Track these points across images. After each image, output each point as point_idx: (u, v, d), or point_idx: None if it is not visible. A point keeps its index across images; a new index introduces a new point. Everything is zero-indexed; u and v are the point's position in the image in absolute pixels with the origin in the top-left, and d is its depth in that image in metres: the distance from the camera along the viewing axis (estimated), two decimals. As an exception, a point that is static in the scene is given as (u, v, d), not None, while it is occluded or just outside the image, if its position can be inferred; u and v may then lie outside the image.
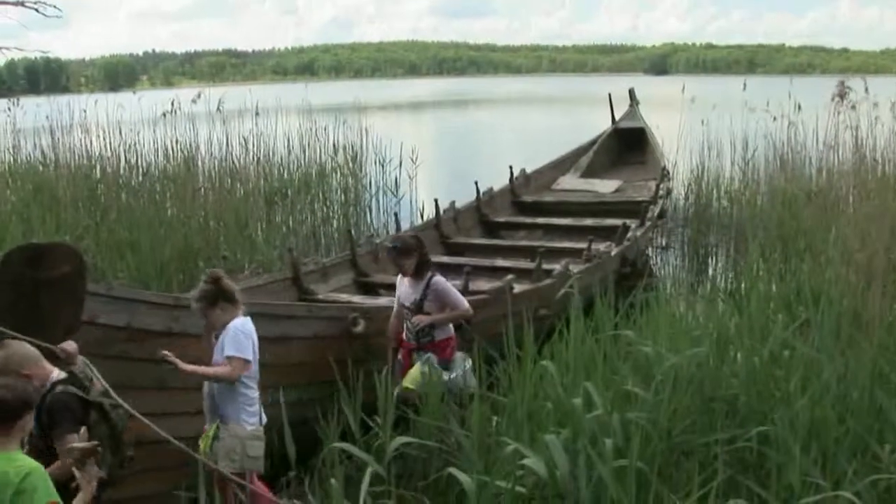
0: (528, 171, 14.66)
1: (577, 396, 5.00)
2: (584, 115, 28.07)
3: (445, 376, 6.15)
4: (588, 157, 15.70)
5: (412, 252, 6.62)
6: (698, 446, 4.87)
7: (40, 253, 4.93)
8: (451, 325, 6.63)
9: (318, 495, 5.25)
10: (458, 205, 12.60)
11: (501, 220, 13.14)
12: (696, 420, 5.01)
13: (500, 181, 13.95)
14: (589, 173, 15.29)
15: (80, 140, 16.13)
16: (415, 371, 6.18)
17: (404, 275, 6.71)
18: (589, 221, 12.42)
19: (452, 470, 4.83)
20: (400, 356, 6.60)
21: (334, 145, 17.16)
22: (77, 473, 3.83)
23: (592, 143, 16.28)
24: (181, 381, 5.28)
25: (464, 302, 6.67)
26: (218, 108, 16.50)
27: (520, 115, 50.29)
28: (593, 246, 10.20)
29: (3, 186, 14.28)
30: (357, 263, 10.14)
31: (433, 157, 21.73)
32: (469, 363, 6.33)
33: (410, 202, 15.87)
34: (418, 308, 6.57)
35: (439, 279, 6.64)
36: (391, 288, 9.80)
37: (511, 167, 14.13)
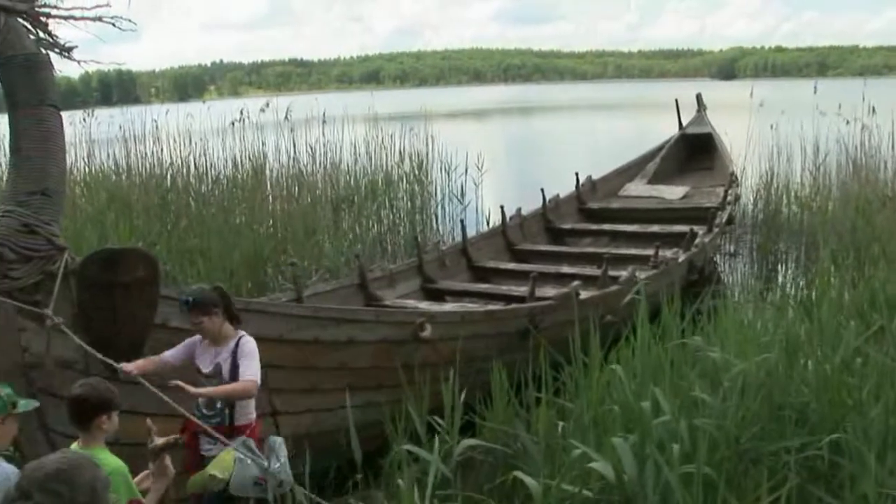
0: (595, 177, 14.61)
1: (644, 402, 4.98)
2: (651, 121, 27.81)
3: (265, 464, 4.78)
4: (655, 164, 15.58)
5: (211, 308, 5.03)
6: (767, 454, 4.80)
7: (116, 258, 5.08)
8: (252, 406, 5.08)
9: (384, 497, 5.31)
10: (524, 212, 12.61)
11: (567, 226, 13.11)
12: (765, 427, 4.94)
13: (566, 188, 13.92)
14: (656, 179, 15.18)
15: (152, 149, 16.50)
16: (226, 456, 4.75)
17: (203, 336, 5.13)
18: (656, 228, 12.34)
19: (518, 474, 4.83)
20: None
21: (400, 153, 17.29)
22: (152, 467, 3.95)
23: (659, 149, 16.16)
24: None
25: (255, 374, 4.97)
26: (286, 117, 16.78)
27: (586, 121, 50.06)
28: (660, 252, 10.14)
29: (79, 195, 14.64)
30: (423, 270, 10.21)
31: (499, 165, 21.76)
32: (284, 451, 4.93)
33: (476, 209, 15.93)
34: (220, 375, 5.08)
35: (250, 340, 5.09)
36: (458, 294, 9.92)
37: (577, 174, 14.09)
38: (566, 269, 10.64)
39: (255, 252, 11.72)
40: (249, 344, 5.05)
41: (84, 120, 17.91)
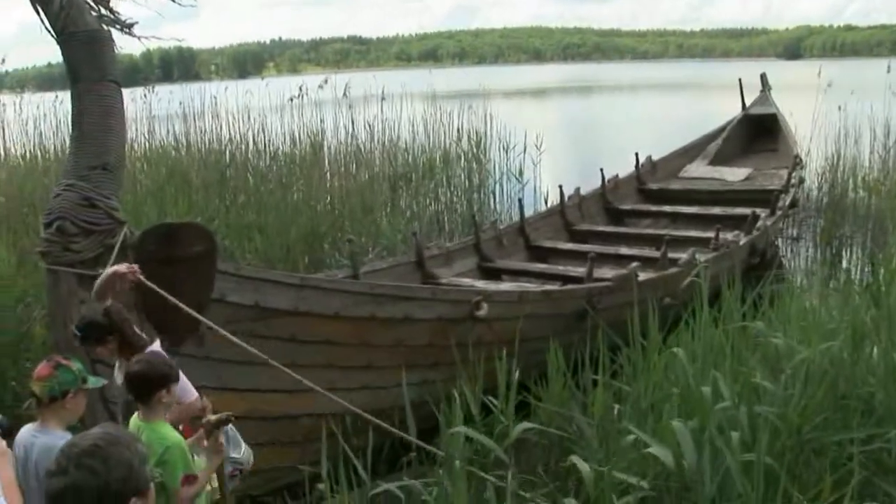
0: (655, 158, 14.41)
1: (704, 386, 4.88)
2: (713, 101, 27.35)
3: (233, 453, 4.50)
4: (717, 144, 15.31)
5: (104, 336, 4.50)
6: (830, 445, 4.67)
7: (174, 232, 5.12)
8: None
9: (437, 476, 5.28)
10: (583, 192, 12.49)
11: (627, 207, 12.96)
12: (829, 418, 4.80)
13: (625, 168, 13.75)
14: (718, 161, 14.91)
15: (211, 125, 16.66)
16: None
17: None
18: (717, 210, 12.13)
19: (574, 458, 4.76)
20: None
21: (458, 131, 17.23)
22: (206, 442, 3.98)
23: (721, 129, 15.87)
24: (310, 359, 5.40)
25: (192, 390, 4.56)
26: (344, 94, 16.82)
27: (646, 101, 49.44)
28: (721, 235, 9.97)
29: (139, 170, 14.83)
30: (481, 248, 10.18)
31: (557, 144, 21.57)
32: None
33: (534, 188, 15.83)
34: None
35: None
36: (515, 274, 9.87)
37: (637, 154, 13.91)
38: (624, 250, 10.53)
39: (313, 228, 11.78)
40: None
41: (145, 96, 18.18)
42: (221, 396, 4.62)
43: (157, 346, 4.55)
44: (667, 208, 12.75)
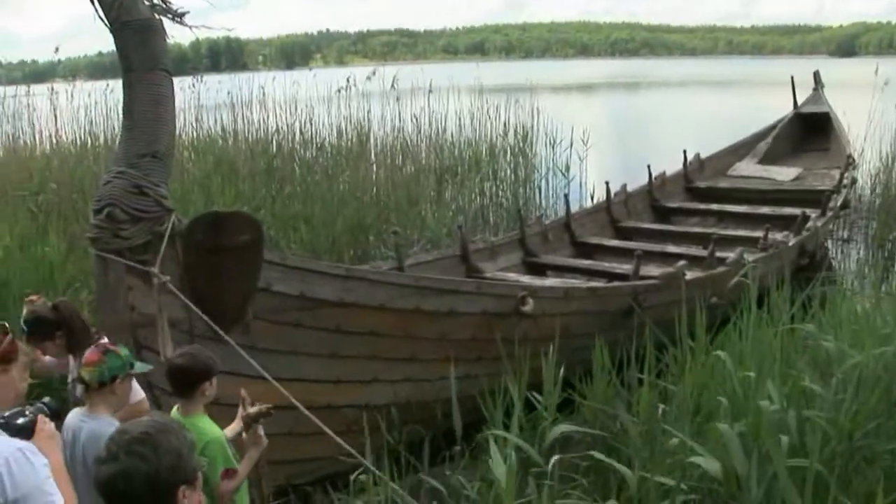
0: (703, 156, 14.24)
1: (751, 389, 4.80)
2: (763, 99, 26.97)
3: None
4: (767, 143, 15.09)
5: (52, 332, 4.71)
6: (883, 453, 4.57)
7: (222, 221, 5.14)
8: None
9: (479, 471, 5.26)
10: (630, 188, 12.38)
11: (673, 205, 12.82)
12: (882, 425, 4.69)
13: (672, 166, 13.61)
14: (767, 159, 14.69)
15: (259, 116, 16.75)
16: None
17: (52, 356, 4.93)
18: (765, 210, 11.96)
19: (615, 464, 4.70)
20: None
21: (505, 125, 17.15)
22: (245, 436, 4.00)
23: (772, 128, 15.64)
24: (354, 350, 5.39)
25: (140, 390, 4.56)
26: (392, 86, 16.82)
27: (694, 98, 48.89)
28: (770, 235, 9.83)
29: (187, 158, 14.96)
30: (526, 243, 10.15)
31: (604, 140, 21.41)
32: None
33: (580, 184, 15.74)
34: None
35: None
36: (560, 269, 9.82)
37: (685, 151, 13.77)
38: (671, 248, 10.43)
39: (358, 220, 11.80)
40: None
41: (193, 86, 18.34)
42: (266, 385, 4.63)
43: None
44: (714, 207, 12.59)
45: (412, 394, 6.11)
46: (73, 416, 3.96)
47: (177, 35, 6.56)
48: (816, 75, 16.79)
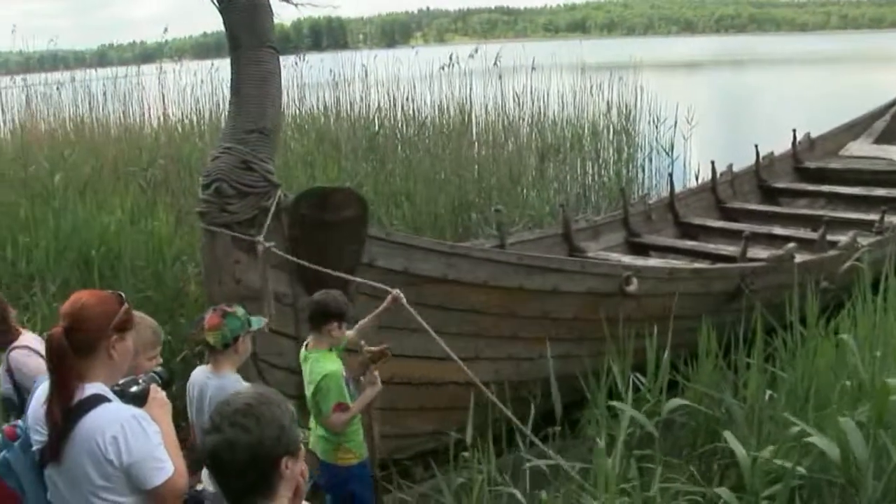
0: (813, 135, 13.77)
1: (874, 375, 4.59)
2: (880, 76, 25.99)
3: None
4: (884, 122, 14.46)
5: None
6: None
7: (328, 196, 5.21)
8: None
9: (579, 452, 5.21)
10: (736, 168, 12.07)
11: (781, 186, 12.43)
12: None
13: (781, 146, 13.18)
14: (884, 139, 14.08)
15: (361, 93, 16.88)
16: None
17: None
18: (881, 191, 11.49)
19: (728, 437, 4.56)
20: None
21: (608, 103, 16.88)
22: (363, 379, 4.38)
23: (889, 105, 14.97)
24: (457, 327, 5.39)
25: None
26: (495, 63, 16.74)
27: (805, 75, 47.29)
28: (886, 218, 9.46)
29: (290, 135, 15.17)
30: (629, 223, 10.01)
31: (709, 119, 20.92)
32: None
33: (684, 163, 15.40)
34: None
35: (18, 355, 4.41)
36: (663, 250, 9.66)
37: (794, 131, 13.33)
38: (778, 230, 10.12)
39: (460, 198, 11.80)
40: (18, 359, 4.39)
41: (296, 64, 18.59)
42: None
43: (28, 339, 4.49)
44: (825, 188, 12.16)
45: (513, 372, 6.09)
46: (199, 373, 4.18)
47: (281, 14, 6.64)
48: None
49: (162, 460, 2.89)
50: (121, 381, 3.06)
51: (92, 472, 2.82)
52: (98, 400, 2.87)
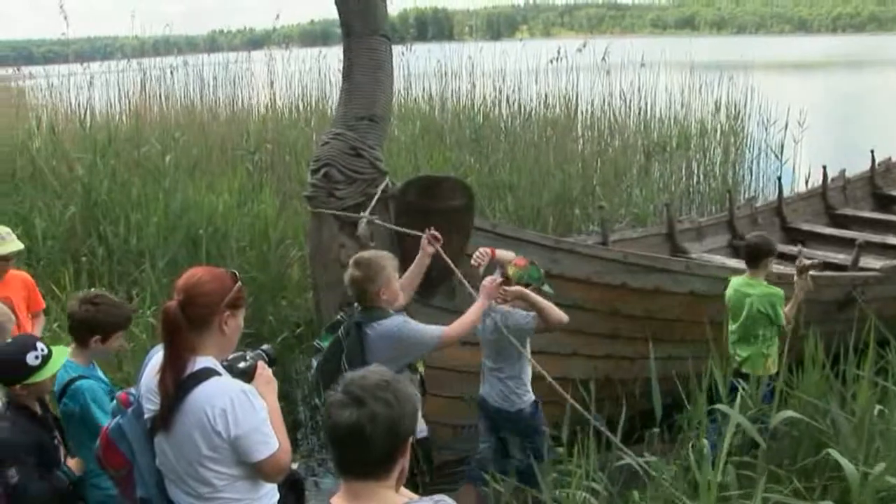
0: (936, 141, 13.24)
1: None
2: None
3: None
4: None
5: None
6: None
7: (435, 184, 5.23)
8: None
9: (679, 456, 5.11)
10: (849, 174, 11.69)
11: None
12: None
13: (900, 153, 12.71)
14: None
15: (467, 85, 16.88)
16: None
17: None
18: None
19: (835, 453, 4.42)
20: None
21: (716, 103, 16.55)
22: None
23: None
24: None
25: None
26: (603, 59, 16.57)
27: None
28: None
29: (394, 125, 15.28)
30: (734, 225, 9.82)
31: (822, 122, 20.34)
32: None
33: (794, 167, 14.98)
34: None
35: None
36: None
37: (916, 136, 12.84)
38: (893, 239, 9.76)
39: (564, 192, 11.73)
40: None
41: (402, 54, 18.66)
42: (467, 350, 4.67)
43: None
44: None
45: (611, 370, 6.02)
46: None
47: (394, 2, 6.68)
48: None
49: (268, 435, 2.95)
50: (229, 357, 3.13)
51: (200, 442, 2.90)
52: (209, 373, 2.94)
